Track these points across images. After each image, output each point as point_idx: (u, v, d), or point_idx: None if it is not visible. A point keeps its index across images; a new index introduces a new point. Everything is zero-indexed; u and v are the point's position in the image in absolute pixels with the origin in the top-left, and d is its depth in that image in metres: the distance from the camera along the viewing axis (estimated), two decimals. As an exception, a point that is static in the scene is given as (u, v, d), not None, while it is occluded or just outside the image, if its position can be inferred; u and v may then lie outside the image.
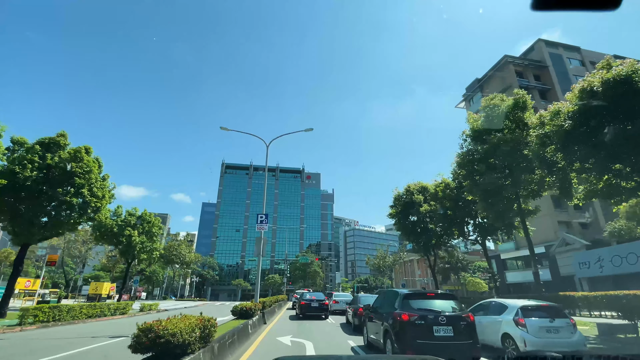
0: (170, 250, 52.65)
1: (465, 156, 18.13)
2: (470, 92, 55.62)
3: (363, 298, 14.62)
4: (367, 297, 14.92)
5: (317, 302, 18.74)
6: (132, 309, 28.07)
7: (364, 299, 14.48)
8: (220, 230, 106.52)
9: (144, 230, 29.65)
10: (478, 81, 54.08)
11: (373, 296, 15.30)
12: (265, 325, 14.84)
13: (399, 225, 29.70)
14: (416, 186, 29.66)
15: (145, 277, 59.23)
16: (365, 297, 14.95)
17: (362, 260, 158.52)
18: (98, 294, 39.99)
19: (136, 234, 28.20)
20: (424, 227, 28.72)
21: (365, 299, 14.43)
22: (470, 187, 17.99)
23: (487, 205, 17.49)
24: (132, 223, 29.00)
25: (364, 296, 15.37)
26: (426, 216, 28.22)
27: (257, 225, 16.81)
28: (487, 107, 18.97)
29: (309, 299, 18.97)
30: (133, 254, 28.91)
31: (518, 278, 43.61)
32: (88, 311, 19.69)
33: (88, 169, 19.90)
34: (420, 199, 28.33)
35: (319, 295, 20.09)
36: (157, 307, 29.40)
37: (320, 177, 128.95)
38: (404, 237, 30.15)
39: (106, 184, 21.68)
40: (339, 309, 22.72)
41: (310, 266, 78.75)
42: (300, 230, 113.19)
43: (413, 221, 29.30)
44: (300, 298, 20.21)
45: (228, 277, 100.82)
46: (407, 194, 29.34)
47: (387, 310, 7.89)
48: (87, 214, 20.63)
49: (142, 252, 29.63)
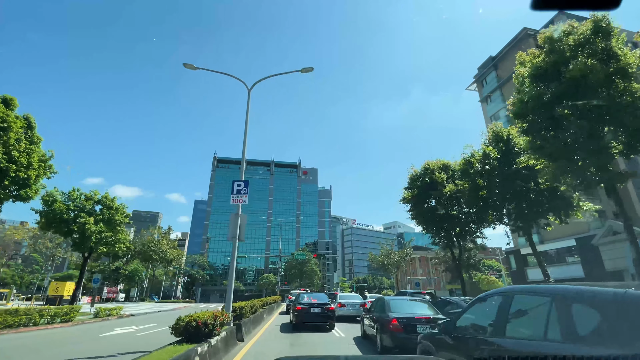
0: (149, 246, 46.90)
1: (527, 102, 12.82)
2: (483, 71, 50.65)
3: (394, 303, 9.29)
4: (400, 302, 9.62)
5: (318, 307, 13.48)
6: (80, 315, 22.60)
7: (394, 304, 9.19)
8: (212, 227, 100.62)
9: (104, 217, 24.14)
10: (492, 59, 49.14)
11: (404, 299, 10.08)
12: (241, 345, 9.55)
13: (415, 212, 24.50)
14: (437, 164, 24.48)
15: (126, 276, 53.38)
16: (396, 301, 9.62)
17: (360, 260, 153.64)
18: (59, 295, 34.32)
19: (92, 222, 22.68)
20: (446, 213, 23.59)
21: (400, 305, 9.16)
22: (536, 145, 12.72)
23: (561, 169, 12.26)
24: (88, 208, 23.48)
25: (395, 300, 10.01)
26: (450, 199, 23.08)
27: (232, 197, 11.51)
28: (550, 41, 13.70)
29: (307, 303, 13.70)
30: (89, 246, 23.41)
31: (540, 275, 38.51)
32: (4, 319, 14.30)
33: (4, 125, 14.42)
34: (442, 177, 23.16)
35: (321, 297, 14.77)
36: (120, 312, 23.96)
37: (317, 173, 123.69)
38: (422, 226, 24.96)
39: (36, 150, 16.20)
40: (347, 314, 17.47)
41: (307, 265, 73.33)
42: (297, 227, 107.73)
43: (433, 206, 24.14)
44: (295, 301, 14.83)
45: (220, 276, 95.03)
46: (426, 173, 24.14)
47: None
48: (8, 188, 15.16)
49: (100, 244, 24.13)
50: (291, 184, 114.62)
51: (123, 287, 57.63)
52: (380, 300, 10.19)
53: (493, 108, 47.44)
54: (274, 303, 26.15)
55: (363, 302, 18.05)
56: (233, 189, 11.68)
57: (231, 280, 10.47)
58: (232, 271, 10.63)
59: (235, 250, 11.03)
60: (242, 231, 11.37)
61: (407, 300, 9.74)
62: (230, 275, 10.56)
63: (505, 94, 46.48)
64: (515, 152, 19.44)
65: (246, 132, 12.52)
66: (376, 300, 10.79)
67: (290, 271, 75.69)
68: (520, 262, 41.62)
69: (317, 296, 14.83)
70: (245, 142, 12.40)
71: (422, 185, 23.92)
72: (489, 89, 49.07)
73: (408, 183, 25.07)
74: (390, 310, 8.81)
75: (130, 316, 24.81)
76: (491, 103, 48.56)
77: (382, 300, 9.84)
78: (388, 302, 9.28)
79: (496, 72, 48.27)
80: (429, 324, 8.06)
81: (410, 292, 17.37)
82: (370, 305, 11.33)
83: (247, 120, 12.75)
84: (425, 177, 23.99)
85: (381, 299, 10.05)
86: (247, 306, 11.72)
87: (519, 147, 19.27)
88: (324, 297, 14.71)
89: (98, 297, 41.25)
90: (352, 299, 18.41)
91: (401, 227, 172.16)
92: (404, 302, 9.50)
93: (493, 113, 46.56)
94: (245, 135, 12.48)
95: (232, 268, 10.70)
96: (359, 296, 19.41)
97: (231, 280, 10.46)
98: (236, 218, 11.32)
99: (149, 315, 26.29)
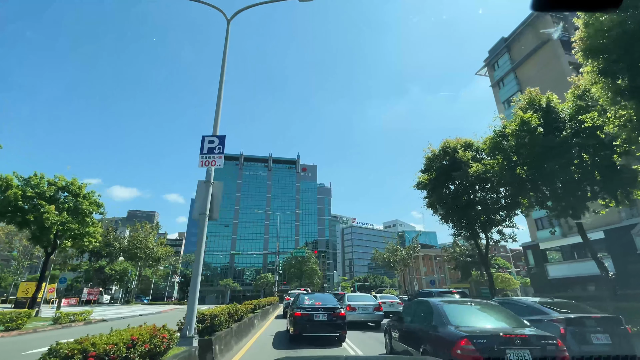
0: (134, 243, 42.99)
1: (606, 31, 9.22)
2: (495, 54, 47.16)
3: (451, 310, 5.65)
4: (460, 308, 5.97)
5: (324, 313, 9.94)
6: (40, 321, 19.16)
7: (453, 312, 5.60)
8: (208, 225, 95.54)
9: (69, 206, 20.53)
10: (504, 40, 45.66)
11: (462, 303, 6.51)
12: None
13: (434, 198, 20.95)
14: (458, 142, 20.96)
15: (113, 277, 49.44)
16: (453, 307, 5.89)
17: (360, 259, 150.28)
18: (30, 297, 30.69)
19: (53, 211, 19.07)
20: (470, 197, 20.10)
21: (461, 313, 5.61)
22: (620, 87, 9.13)
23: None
24: (49, 195, 19.86)
25: (450, 305, 6.03)
26: (475, 182, 19.60)
27: (200, 158, 7.96)
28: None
29: (309, 307, 10.14)
30: (50, 239, 19.81)
31: (563, 272, 35.15)
32: None
33: None
34: (467, 156, 19.64)
35: (327, 299, 11.15)
36: (89, 316, 20.41)
37: (317, 170, 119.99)
38: (440, 214, 21.45)
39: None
40: (357, 319, 13.96)
41: (307, 264, 69.66)
42: (296, 225, 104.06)
43: (454, 190, 20.64)
44: (294, 304, 11.18)
45: (217, 277, 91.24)
46: (447, 153, 20.60)
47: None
48: None
49: (65, 238, 20.53)
50: (290, 180, 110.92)
51: (116, 288, 53.78)
52: (422, 304, 6.63)
53: (506, 92, 44.00)
54: (269, 305, 22.59)
55: (377, 305, 14.57)
56: (203, 146, 8.13)
57: (196, 277, 6.95)
58: (197, 265, 7.09)
59: (204, 233, 7.50)
60: (215, 206, 7.86)
61: (468, 304, 6.18)
62: (195, 270, 7.03)
63: (519, 76, 43.11)
64: (559, 120, 16.01)
65: (223, 70, 8.96)
66: (414, 304, 7.26)
67: (289, 270, 72.06)
68: (539, 258, 38.18)
69: (321, 298, 11.23)
70: (222, 82, 8.83)
71: (442, 166, 20.39)
72: (501, 73, 45.61)
73: (424, 165, 21.53)
74: (450, 321, 5.27)
75: (101, 321, 21.26)
76: (504, 87, 45.14)
77: (427, 304, 6.27)
78: (441, 308, 5.72)
79: (509, 54, 44.82)
80: (527, 347, 4.58)
81: (437, 292, 13.86)
82: (403, 310, 7.75)
83: (225, 58, 9.21)
84: (445, 157, 20.46)
85: (425, 303, 6.48)
86: (223, 314, 8.15)
87: (566, 114, 15.85)
88: (331, 299, 11.13)
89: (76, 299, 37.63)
90: (363, 300, 14.86)
91: (402, 225, 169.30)
92: (465, 307, 5.95)
93: (506, 97, 43.12)
94: (223, 74, 8.93)
95: (198, 258, 7.16)
96: (372, 297, 15.89)
97: (195, 278, 6.94)
98: (206, 187, 7.80)
99: (125, 320, 22.69)
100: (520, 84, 41.43)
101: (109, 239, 43.66)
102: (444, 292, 13.75)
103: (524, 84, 40.98)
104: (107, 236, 43.70)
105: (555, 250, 37.10)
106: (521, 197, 17.52)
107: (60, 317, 18.14)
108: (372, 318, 14.24)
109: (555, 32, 38.75)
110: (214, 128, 8.46)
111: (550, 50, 38.36)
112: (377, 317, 14.26)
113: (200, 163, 8.02)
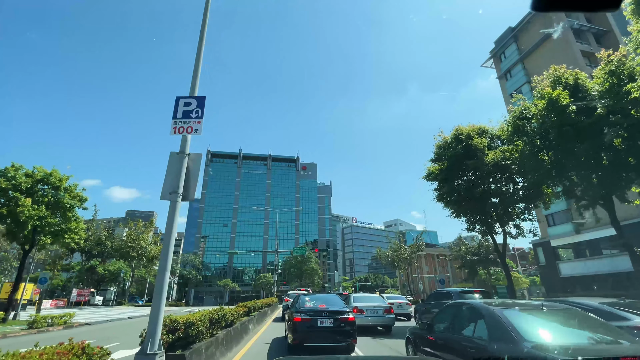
0: (126, 242, 41.11)
1: None
2: (501, 45, 45.44)
3: (517, 319, 3.94)
4: (528, 317, 4.20)
5: (329, 318, 8.22)
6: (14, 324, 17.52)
7: (519, 321, 3.89)
8: (206, 225, 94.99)
9: (48, 200, 18.82)
10: (511, 30, 43.99)
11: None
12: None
13: (445, 190, 19.20)
14: (472, 128, 19.24)
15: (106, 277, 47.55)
16: (516, 316, 4.10)
17: (360, 258, 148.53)
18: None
19: (28, 204, 17.36)
20: (485, 188, 18.40)
21: (526, 322, 3.89)
22: None
23: None
24: (25, 188, 18.14)
25: (513, 314, 4.03)
26: (491, 172, 17.91)
27: (173, 124, 6.25)
28: None
29: (311, 311, 8.39)
30: (25, 235, 18.09)
31: (577, 270, 33.48)
32: None
33: None
34: (483, 142, 17.94)
35: (332, 300, 9.37)
36: (71, 320, 18.65)
37: (317, 169, 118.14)
38: (451, 209, 19.77)
39: None
40: (366, 323, 12.25)
41: (307, 263, 67.88)
42: (296, 224, 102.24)
43: (468, 181, 18.92)
44: (293, 307, 9.39)
45: (216, 277, 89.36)
46: (460, 140, 18.85)
47: None
48: None
49: (43, 234, 18.80)
50: (290, 179, 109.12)
51: (112, 289, 51.90)
52: (465, 309, 4.90)
53: (514, 84, 42.34)
54: (267, 307, 20.87)
55: (388, 307, 12.85)
56: (176, 110, 6.42)
57: (163, 273, 5.25)
58: (165, 257, 5.38)
59: (176, 216, 5.78)
60: (191, 184, 6.15)
61: (536, 309, 4.43)
62: (163, 263, 5.32)
63: (527, 67, 41.42)
64: (589, 99, 14.33)
65: (208, 4, 7.24)
66: (452, 308, 5.50)
67: (289, 270, 70.30)
68: (550, 256, 36.50)
69: (325, 299, 9.47)
70: (204, 25, 7.11)
71: (455, 155, 18.66)
72: (508, 64, 43.91)
73: (435, 153, 19.81)
74: (522, 336, 3.49)
75: (85, 325, 19.57)
76: (511, 79, 43.46)
77: (476, 309, 4.52)
78: (502, 316, 3.96)
79: (517, 44, 43.14)
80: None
81: (457, 292, 12.12)
82: (436, 316, 5.99)
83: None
84: (458, 145, 18.73)
85: (471, 308, 4.73)
86: (202, 320, 6.44)
87: (597, 91, 14.14)
88: (337, 301, 9.37)
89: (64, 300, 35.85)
90: (372, 302, 13.12)
91: (402, 225, 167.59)
92: (535, 314, 4.19)
93: (515, 89, 41.47)
94: (207, 9, 7.22)
95: (166, 250, 5.45)
96: (381, 298, 14.14)
97: (162, 274, 5.23)
98: (179, 160, 6.07)
99: (112, 323, 21.01)
100: (529, 75, 39.78)
101: (100, 237, 41.95)
102: (466, 292, 12.04)
103: (532, 74, 39.30)
104: (98, 234, 41.98)
105: (565, 247, 35.39)
106: (544, 187, 15.82)
107: (36, 320, 16.44)
108: (382, 322, 12.54)
109: (567, 21, 37.10)
110: (191, 87, 6.76)
111: (561, 39, 36.73)
112: (388, 321, 12.56)
113: (172, 130, 6.31)
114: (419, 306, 15.29)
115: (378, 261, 78.08)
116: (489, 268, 45.41)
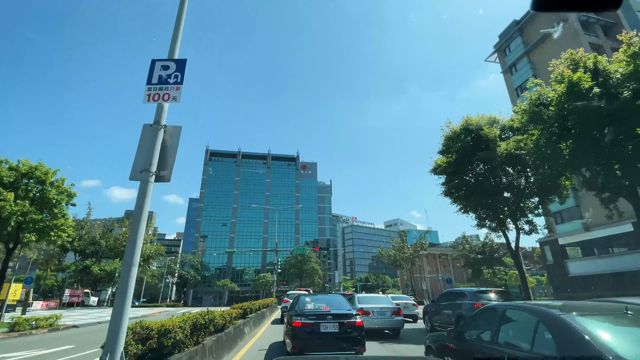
0: (121, 241, 40.02)
1: None
2: (505, 39, 44.36)
3: (600, 331, 2.85)
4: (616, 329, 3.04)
5: (334, 322, 7.13)
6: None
7: (605, 336, 2.81)
8: (205, 225, 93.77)
9: (33, 195, 17.75)
10: (516, 23, 42.90)
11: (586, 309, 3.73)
12: None
13: (455, 184, 18.10)
14: (482, 118, 18.15)
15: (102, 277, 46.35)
16: (598, 327, 2.89)
17: (361, 258, 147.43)
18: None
19: (10, 199, 16.28)
20: (496, 182, 17.33)
21: (617, 337, 2.84)
22: None
23: None
24: (8, 182, 17.07)
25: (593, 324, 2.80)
26: (503, 164, 16.85)
27: (147, 90, 5.22)
28: None
29: (314, 314, 7.27)
30: (8, 231, 17.01)
31: (586, 268, 32.36)
32: None
33: None
34: (495, 133, 16.88)
35: (337, 302, 8.22)
36: (57, 322, 17.54)
37: (317, 168, 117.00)
38: (460, 204, 18.68)
39: None
40: (372, 326, 11.17)
41: (307, 263, 66.76)
42: (296, 224, 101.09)
43: (479, 174, 17.83)
44: (294, 308, 8.12)
45: (215, 277, 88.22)
46: (469, 131, 17.72)
47: None
48: None
49: (28, 231, 17.72)
50: (289, 178, 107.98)
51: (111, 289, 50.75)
52: (512, 313, 3.80)
53: (519, 78, 41.24)
54: (265, 308, 19.79)
55: (396, 309, 11.77)
56: (152, 74, 5.34)
57: (128, 268, 4.18)
58: (132, 249, 4.31)
59: (147, 199, 4.71)
60: (169, 161, 5.08)
61: (621, 315, 3.35)
62: (129, 257, 4.24)
63: (533, 60, 40.34)
64: (611, 83, 13.25)
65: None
66: (490, 312, 4.37)
67: (289, 270, 69.18)
68: (558, 254, 35.38)
69: (328, 301, 8.34)
70: None
71: (464, 146, 17.55)
72: (513, 57, 42.85)
73: (442, 145, 18.70)
74: (616, 354, 2.50)
75: (72, 327, 18.44)
76: (516, 73, 42.38)
77: (530, 316, 3.42)
78: (579, 326, 2.87)
79: (522, 37, 42.07)
80: None
81: (472, 291, 11.02)
82: (468, 322, 4.87)
83: None
84: (468, 137, 17.63)
85: (523, 313, 3.63)
86: (183, 326, 5.36)
87: (620, 74, 13.05)
88: (341, 302, 8.28)
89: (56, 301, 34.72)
90: (378, 303, 12.02)
91: (403, 224, 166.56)
92: (622, 323, 3.15)
93: (520, 83, 40.42)
94: None
95: (133, 239, 4.38)
96: (387, 298, 13.02)
97: (128, 270, 4.17)
98: (153, 133, 4.99)
99: (101, 326, 19.89)
100: (535, 69, 38.74)
101: (94, 236, 40.85)
102: (481, 291, 10.94)
103: (538, 68, 38.36)
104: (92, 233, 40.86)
105: (573, 246, 34.26)
106: (563, 178, 14.74)
107: (18, 322, 15.37)
108: (390, 325, 11.46)
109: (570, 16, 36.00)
110: (170, 49, 5.67)
111: (568, 31, 35.69)
112: (396, 324, 11.47)
113: (145, 97, 5.22)
114: (428, 307, 14.17)
115: (378, 261, 77.14)
116: (494, 267, 44.34)
